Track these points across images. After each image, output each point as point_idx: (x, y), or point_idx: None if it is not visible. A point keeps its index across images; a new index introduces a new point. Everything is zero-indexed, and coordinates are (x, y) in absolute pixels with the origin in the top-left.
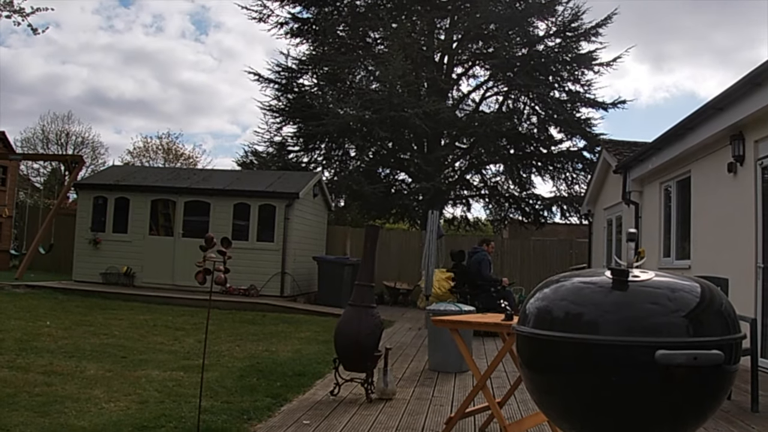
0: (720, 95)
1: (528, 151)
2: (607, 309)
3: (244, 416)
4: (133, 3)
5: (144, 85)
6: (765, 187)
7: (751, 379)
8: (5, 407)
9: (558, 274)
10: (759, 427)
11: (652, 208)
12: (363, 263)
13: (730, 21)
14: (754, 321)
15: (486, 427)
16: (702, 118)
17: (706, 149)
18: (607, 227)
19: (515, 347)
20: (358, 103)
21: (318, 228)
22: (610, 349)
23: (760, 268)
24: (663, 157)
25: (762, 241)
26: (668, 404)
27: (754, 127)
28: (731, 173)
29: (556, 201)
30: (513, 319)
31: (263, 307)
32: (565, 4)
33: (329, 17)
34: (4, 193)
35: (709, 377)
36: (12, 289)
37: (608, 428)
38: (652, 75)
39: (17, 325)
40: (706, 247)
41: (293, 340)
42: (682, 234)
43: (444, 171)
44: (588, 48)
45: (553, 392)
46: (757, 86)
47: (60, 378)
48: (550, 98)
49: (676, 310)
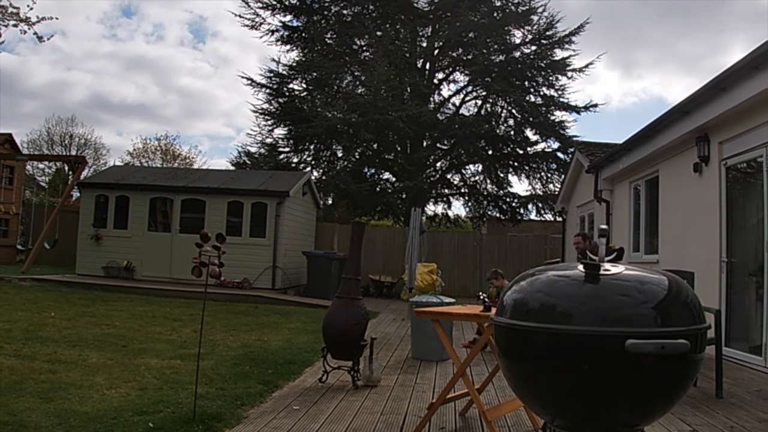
0: (686, 99)
1: (505, 152)
2: (579, 301)
3: (238, 402)
4: (135, 13)
5: (145, 90)
6: (729, 186)
7: (715, 367)
8: (12, 393)
9: (533, 268)
10: (723, 412)
11: (622, 206)
12: (349, 258)
13: (694, 31)
14: (718, 312)
15: (466, 412)
16: (669, 120)
17: (673, 150)
18: (580, 224)
19: (493, 337)
20: (345, 106)
21: (307, 224)
22: (583, 339)
23: (724, 262)
24: (632, 157)
25: (726, 237)
26: (637, 391)
27: (719, 129)
28: (697, 173)
29: (532, 199)
30: (491, 311)
31: (256, 299)
32: (540, 14)
33: (318, 25)
34: (11, 191)
35: (676, 365)
36: (18, 282)
37: (581, 413)
38: (622, 81)
39: (23, 316)
40: (673, 243)
41: (284, 330)
42: (650, 230)
43: (426, 171)
44: (562, 55)
45: (528, 379)
46: (721, 90)
47: (64, 366)
48: (526, 102)
49: (645, 301)
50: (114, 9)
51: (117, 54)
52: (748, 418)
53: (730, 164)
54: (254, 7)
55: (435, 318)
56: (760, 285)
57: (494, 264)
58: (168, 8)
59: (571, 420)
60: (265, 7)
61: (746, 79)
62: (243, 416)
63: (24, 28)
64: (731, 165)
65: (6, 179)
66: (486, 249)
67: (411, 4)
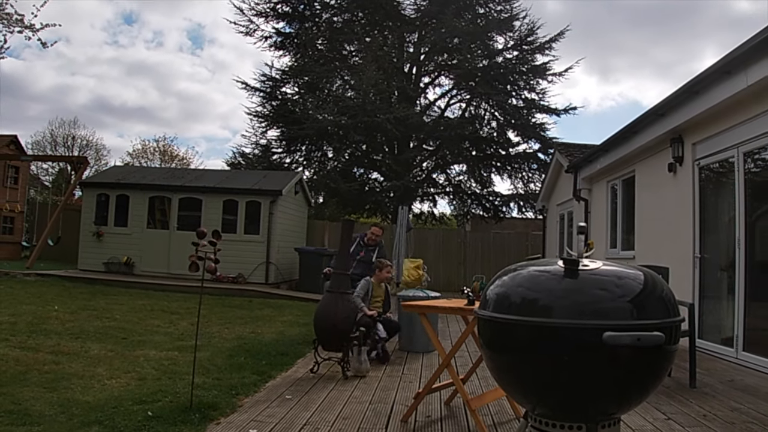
0: (661, 102)
1: (488, 153)
2: (559, 295)
3: (233, 391)
4: (136, 20)
5: (145, 94)
6: (702, 185)
7: (689, 358)
8: (18, 383)
9: (515, 264)
10: (697, 401)
11: (600, 204)
12: (340, 253)
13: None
14: (692, 306)
15: (451, 401)
16: (645, 122)
17: (649, 151)
18: (560, 221)
19: (477, 329)
20: (335, 109)
21: (299, 222)
22: (562, 331)
23: (697, 258)
24: (610, 158)
25: (699, 234)
26: (614, 381)
27: (692, 130)
28: (671, 173)
29: (514, 198)
30: (475, 304)
31: (250, 293)
32: (521, 20)
33: (309, 32)
34: (16, 190)
35: (652, 356)
36: (23, 277)
37: (560, 402)
38: (600, 85)
39: (28, 310)
40: (649, 239)
41: (277, 323)
42: (627, 227)
43: (412, 170)
44: (542, 60)
45: (510, 370)
46: (695, 94)
47: (66, 357)
48: (508, 105)
49: (622, 295)
50: (116, 17)
51: (119, 59)
52: (720, 406)
53: (703, 164)
54: (249, 15)
55: (421, 311)
56: (732, 280)
57: (478, 259)
58: (168, 16)
59: (551, 408)
60: (259, 15)
61: (718, 83)
62: (238, 405)
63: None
64: (704, 165)
65: (11, 179)
66: (470, 245)
67: (398, 12)
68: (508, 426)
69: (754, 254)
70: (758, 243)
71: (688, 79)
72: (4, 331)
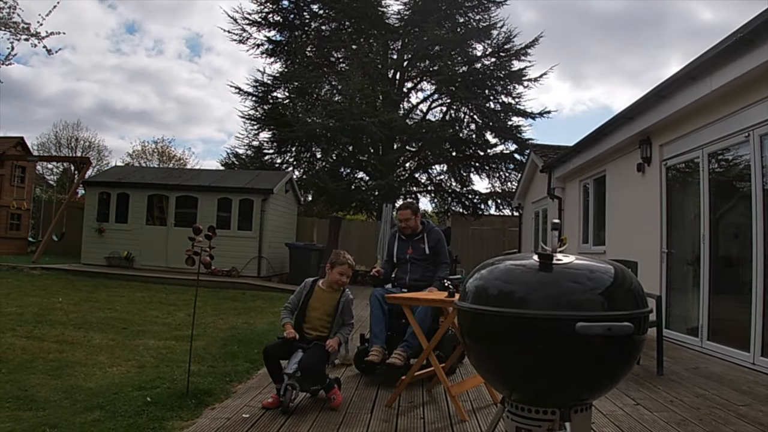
0: (630, 106)
1: (467, 154)
2: (534, 287)
3: (227, 378)
4: (138, 30)
5: (146, 99)
6: (669, 184)
7: (657, 347)
8: (24, 371)
9: (493, 258)
10: (664, 387)
11: (572, 202)
12: (328, 248)
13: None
14: (659, 298)
15: (432, 387)
16: (615, 125)
17: (619, 152)
18: (535, 218)
19: (457, 320)
20: (324, 113)
21: (289, 219)
22: (537, 322)
23: (664, 253)
24: (582, 158)
25: (666, 230)
26: (586, 368)
27: (660, 133)
28: (640, 172)
29: (492, 196)
30: (455, 296)
31: (243, 286)
32: (499, 29)
33: (299, 40)
34: (22, 189)
35: (621, 345)
36: (30, 270)
37: (535, 389)
38: (573, 91)
39: (34, 301)
40: (619, 235)
41: (268, 314)
42: (598, 224)
43: (396, 170)
44: (518, 66)
45: (488, 358)
46: (662, 99)
47: (70, 346)
48: (486, 108)
49: (594, 288)
50: (119, 26)
51: (122, 66)
52: (686, 393)
53: (669, 165)
54: (242, 24)
55: (405, 303)
56: (697, 273)
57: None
58: (168, 26)
59: (526, 395)
60: (251, 24)
61: (684, 88)
62: (231, 391)
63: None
64: (671, 165)
65: (18, 178)
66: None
67: (383, 21)
68: (486, 411)
69: (717, 249)
70: (721, 239)
71: (654, 85)
72: (11, 322)
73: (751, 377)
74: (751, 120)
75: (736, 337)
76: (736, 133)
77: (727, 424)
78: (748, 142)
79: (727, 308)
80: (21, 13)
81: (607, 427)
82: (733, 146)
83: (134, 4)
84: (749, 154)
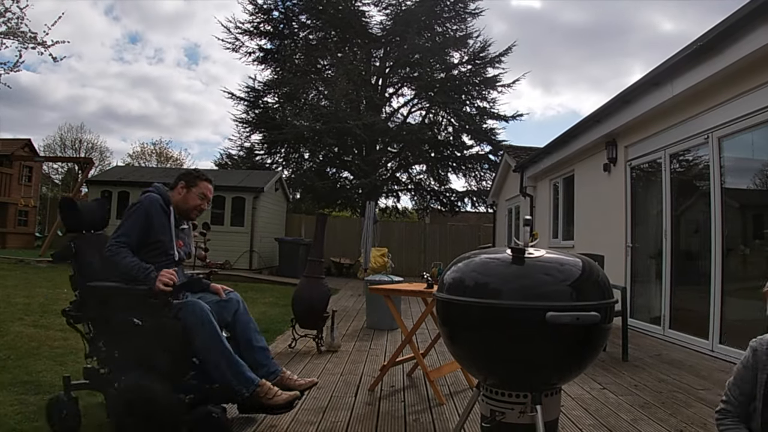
0: (598, 110)
1: (445, 154)
2: (507, 279)
3: None
4: (140, 40)
5: (147, 104)
6: (633, 183)
7: (622, 335)
8: (31, 357)
9: (469, 252)
10: (628, 372)
11: (543, 200)
12: (314, 243)
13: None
14: (624, 289)
15: (412, 372)
16: (583, 128)
17: (587, 153)
18: (508, 215)
19: (435, 310)
20: (311, 116)
21: (279, 215)
22: (510, 311)
23: (629, 247)
24: (552, 159)
25: (630, 226)
26: (556, 355)
27: (625, 135)
28: (606, 172)
29: (468, 194)
30: (433, 288)
31: (235, 278)
32: (475, 38)
33: (288, 48)
34: (30, 187)
35: (589, 333)
36: (36, 263)
37: (508, 374)
38: (543, 97)
39: (40, 292)
40: (587, 231)
41: (259, 304)
42: (567, 220)
43: (378, 170)
44: (493, 73)
45: (464, 345)
46: (627, 103)
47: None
48: (462, 112)
49: (563, 280)
50: (123, 37)
51: (124, 73)
52: (648, 378)
53: (634, 165)
54: (235, 33)
55: (386, 294)
56: (659, 266)
57: (436, 248)
58: (168, 36)
59: (500, 379)
60: (244, 33)
61: (648, 93)
62: None
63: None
64: (635, 165)
65: (26, 177)
66: (429, 236)
67: (366, 31)
68: (462, 395)
69: (678, 244)
70: (682, 234)
71: (620, 91)
72: (19, 312)
73: (709, 363)
74: (710, 123)
75: (696, 326)
76: (696, 135)
77: (687, 406)
78: (708, 143)
79: (688, 299)
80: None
81: (576, 409)
82: (693, 147)
83: (137, 16)
84: (708, 155)
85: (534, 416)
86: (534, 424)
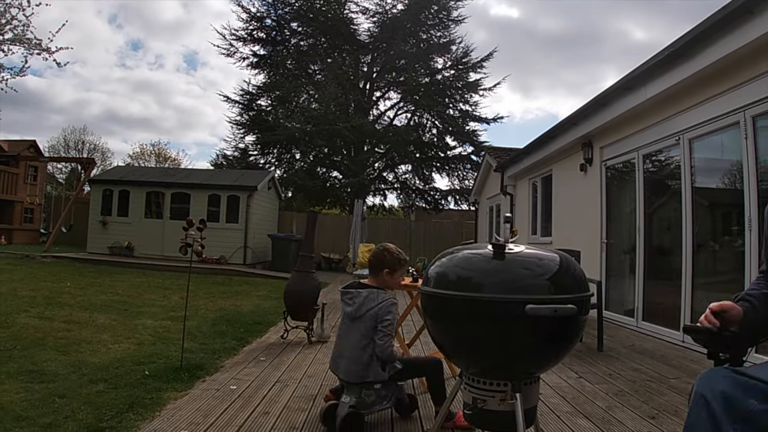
0: (575, 113)
1: (430, 155)
2: (489, 273)
3: (216, 354)
4: (142, 47)
5: (147, 107)
6: (608, 182)
7: (597, 327)
8: (36, 347)
9: (452, 248)
10: (603, 362)
11: (523, 198)
12: (305, 239)
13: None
14: (599, 283)
15: None
16: (561, 130)
17: (564, 153)
18: (489, 212)
19: (420, 302)
20: (302, 118)
21: (272, 213)
22: (491, 304)
23: (604, 243)
24: (531, 159)
25: (605, 223)
26: (535, 345)
27: (600, 137)
28: (582, 172)
29: (451, 192)
30: (418, 282)
31: (230, 272)
32: (457, 45)
33: (280, 54)
34: (35, 186)
35: (566, 325)
36: (41, 259)
37: (489, 364)
38: (523, 101)
39: (45, 286)
40: (564, 227)
41: (253, 297)
42: (545, 217)
43: (366, 170)
44: (475, 77)
45: (448, 336)
46: (602, 106)
47: (77, 326)
48: (446, 115)
49: (542, 274)
50: (126, 44)
51: (126, 79)
52: (623, 367)
53: (609, 165)
54: (230, 39)
55: None
56: (633, 261)
57: (421, 244)
58: (168, 43)
59: (482, 369)
60: (238, 39)
61: (622, 97)
62: (220, 365)
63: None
64: (610, 165)
65: (31, 177)
66: (414, 233)
67: (355, 37)
68: (445, 383)
69: (651, 240)
70: (655, 231)
71: (595, 95)
72: (25, 304)
73: (680, 353)
74: (681, 125)
75: (668, 318)
76: (668, 136)
77: (659, 394)
78: (679, 144)
79: (660, 292)
80: (34, 30)
81: (554, 397)
82: (665, 148)
83: (139, 24)
84: (679, 155)
85: (514, 404)
86: (514, 411)
